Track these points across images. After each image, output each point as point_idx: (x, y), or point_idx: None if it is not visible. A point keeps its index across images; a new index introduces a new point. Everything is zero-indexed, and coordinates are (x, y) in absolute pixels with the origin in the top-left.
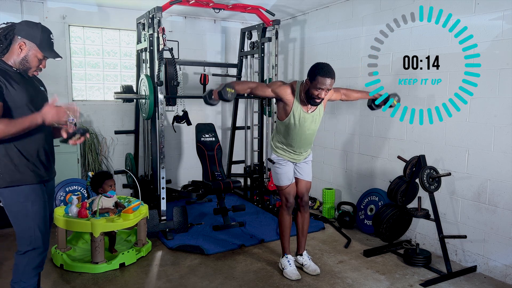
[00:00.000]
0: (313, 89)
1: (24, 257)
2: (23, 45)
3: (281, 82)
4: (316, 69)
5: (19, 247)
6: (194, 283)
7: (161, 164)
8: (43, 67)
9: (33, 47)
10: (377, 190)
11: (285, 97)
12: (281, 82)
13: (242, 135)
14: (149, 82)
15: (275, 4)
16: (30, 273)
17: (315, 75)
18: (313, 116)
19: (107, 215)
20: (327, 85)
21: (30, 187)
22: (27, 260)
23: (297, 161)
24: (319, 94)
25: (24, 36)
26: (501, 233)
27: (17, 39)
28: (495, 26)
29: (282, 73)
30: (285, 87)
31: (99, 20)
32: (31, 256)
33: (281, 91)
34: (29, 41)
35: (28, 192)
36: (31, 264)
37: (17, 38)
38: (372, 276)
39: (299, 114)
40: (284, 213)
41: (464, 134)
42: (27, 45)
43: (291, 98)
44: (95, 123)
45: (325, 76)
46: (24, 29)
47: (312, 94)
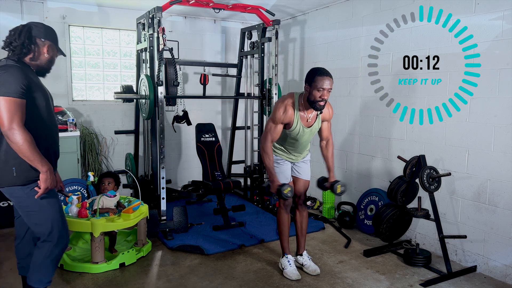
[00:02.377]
0: (314, 91)
1: (42, 249)
2: (49, 48)
3: (282, 108)
4: (313, 71)
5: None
6: (194, 283)
7: (161, 164)
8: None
9: (54, 48)
10: (377, 190)
11: (290, 120)
12: (281, 104)
13: (242, 135)
14: (149, 82)
15: (275, 4)
16: (48, 265)
17: (314, 76)
18: (311, 130)
19: (107, 215)
20: (327, 84)
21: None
22: (44, 252)
23: (295, 161)
24: (321, 95)
25: (49, 38)
26: (501, 233)
27: (41, 41)
28: (495, 26)
29: (282, 73)
30: (286, 111)
31: (99, 20)
32: (48, 248)
33: (286, 118)
34: (53, 43)
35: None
36: (49, 256)
37: (41, 40)
38: (372, 276)
39: (299, 129)
40: (282, 212)
41: (464, 134)
42: (51, 47)
43: (293, 117)
44: (95, 123)
45: (323, 75)
46: (46, 32)
47: (314, 97)
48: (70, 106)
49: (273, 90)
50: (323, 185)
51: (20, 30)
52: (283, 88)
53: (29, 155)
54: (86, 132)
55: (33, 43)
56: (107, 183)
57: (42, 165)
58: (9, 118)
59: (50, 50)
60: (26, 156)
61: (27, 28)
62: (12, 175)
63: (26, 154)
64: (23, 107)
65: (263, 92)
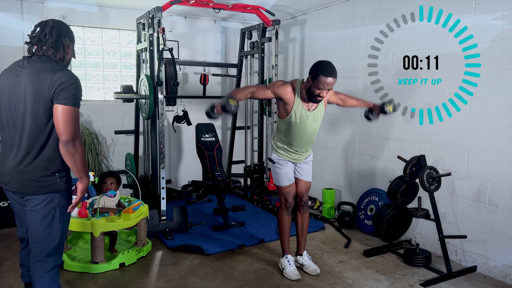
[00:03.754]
0: (314, 88)
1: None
2: (71, 49)
3: (281, 82)
4: (318, 67)
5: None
6: (194, 283)
7: (161, 164)
8: None
9: (73, 51)
10: (377, 190)
11: (285, 96)
12: (282, 81)
13: (242, 135)
14: (149, 82)
15: (275, 4)
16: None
17: (318, 74)
18: (314, 115)
19: (107, 215)
20: (329, 84)
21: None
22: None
23: (298, 161)
24: (320, 93)
25: (70, 39)
26: (501, 233)
27: (66, 42)
28: (495, 26)
29: (282, 73)
30: (285, 86)
31: (99, 20)
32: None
33: (281, 91)
34: (73, 44)
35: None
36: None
37: (66, 40)
38: (372, 276)
39: (300, 113)
40: (284, 213)
41: (464, 134)
42: (72, 49)
43: (292, 97)
44: (95, 123)
45: (327, 75)
46: (70, 33)
47: (313, 92)
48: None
49: None
50: (372, 113)
51: (51, 27)
52: None
53: (81, 164)
54: (86, 132)
55: (61, 42)
56: (110, 183)
57: (87, 176)
58: (75, 128)
59: (71, 51)
60: (77, 165)
61: (57, 26)
62: (56, 181)
63: (80, 163)
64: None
65: None
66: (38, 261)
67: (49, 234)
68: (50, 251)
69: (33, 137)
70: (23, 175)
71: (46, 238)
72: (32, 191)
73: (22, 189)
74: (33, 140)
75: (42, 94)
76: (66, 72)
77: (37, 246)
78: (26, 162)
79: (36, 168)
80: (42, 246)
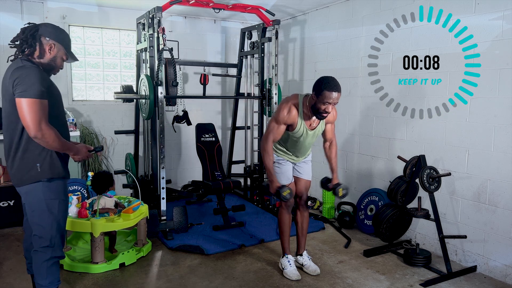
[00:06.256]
0: (320, 104)
1: (41, 254)
2: (53, 47)
3: (286, 109)
4: (322, 83)
5: (36, 244)
6: (194, 283)
7: (161, 164)
8: (61, 68)
9: (61, 49)
10: (377, 190)
11: (294, 122)
12: (286, 107)
13: (242, 135)
14: (149, 82)
15: (275, 4)
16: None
17: (322, 90)
18: (314, 132)
19: (107, 215)
20: (334, 99)
21: (63, 182)
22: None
23: (297, 161)
24: (326, 108)
25: (53, 38)
26: (501, 233)
27: (46, 40)
28: (495, 26)
29: (282, 73)
30: (291, 113)
31: (99, 20)
32: (47, 252)
33: (290, 120)
34: (58, 43)
35: (61, 188)
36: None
37: (45, 39)
38: (372, 276)
39: (302, 132)
40: (284, 212)
41: (464, 134)
42: (56, 47)
43: (296, 119)
44: (95, 123)
45: (331, 90)
46: (52, 32)
47: (319, 108)
48: (70, 106)
49: (273, 90)
50: (326, 186)
51: (27, 28)
52: (283, 88)
53: (60, 146)
54: (86, 132)
55: (36, 40)
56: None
57: (71, 150)
58: (36, 120)
59: (54, 50)
60: (58, 149)
61: (34, 26)
62: (37, 171)
63: (58, 147)
64: (46, 107)
65: (263, 92)
66: (36, 251)
67: (41, 227)
68: (46, 243)
69: (11, 133)
70: (13, 169)
71: (40, 231)
72: (18, 183)
73: (14, 182)
74: (12, 136)
75: (8, 92)
76: (24, 67)
77: (34, 238)
78: (12, 157)
79: (20, 161)
80: (38, 239)
